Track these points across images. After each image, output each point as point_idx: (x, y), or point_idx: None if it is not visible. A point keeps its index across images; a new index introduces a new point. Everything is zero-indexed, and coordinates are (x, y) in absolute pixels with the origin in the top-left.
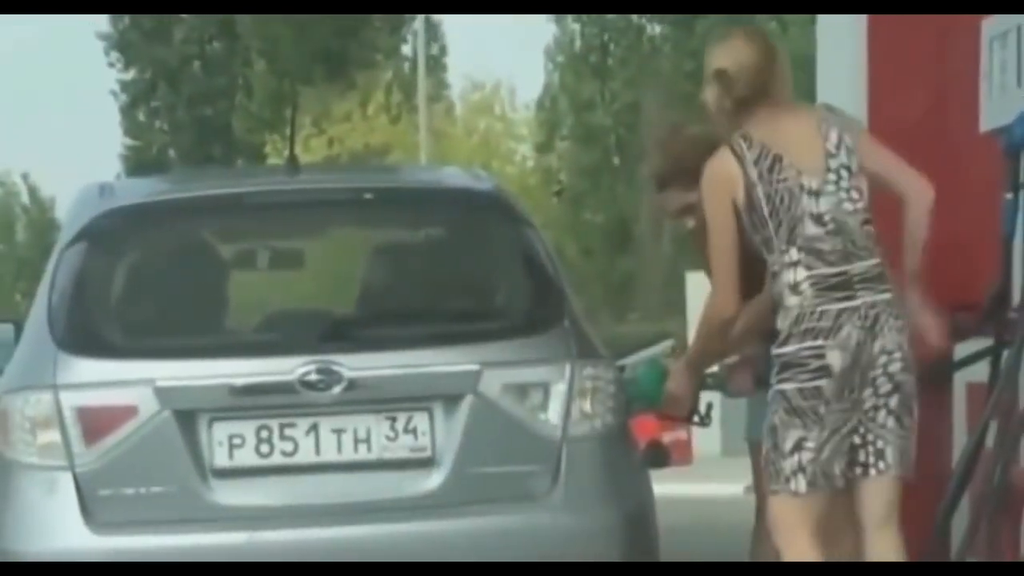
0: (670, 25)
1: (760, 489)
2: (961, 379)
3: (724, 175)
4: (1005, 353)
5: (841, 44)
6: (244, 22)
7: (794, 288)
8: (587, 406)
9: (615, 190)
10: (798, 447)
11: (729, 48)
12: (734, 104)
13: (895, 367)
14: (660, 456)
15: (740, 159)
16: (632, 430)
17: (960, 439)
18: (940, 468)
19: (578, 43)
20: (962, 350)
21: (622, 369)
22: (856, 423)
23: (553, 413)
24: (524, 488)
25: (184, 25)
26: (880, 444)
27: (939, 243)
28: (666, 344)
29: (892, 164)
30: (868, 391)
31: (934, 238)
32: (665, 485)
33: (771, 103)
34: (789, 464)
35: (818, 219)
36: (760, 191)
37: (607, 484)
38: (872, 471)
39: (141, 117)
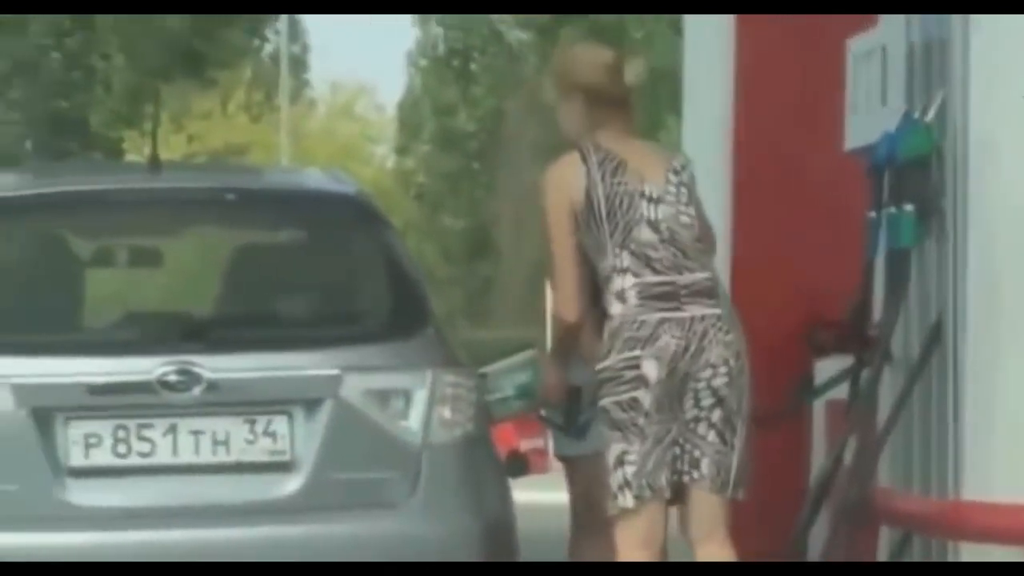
0: (534, 32)
1: (573, 502)
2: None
3: (566, 176)
4: (864, 372)
5: (708, 58)
6: (102, 15)
7: (620, 295)
8: (448, 413)
9: (475, 195)
10: (621, 461)
11: (606, 53)
12: (611, 98)
13: (719, 381)
14: (519, 465)
15: (585, 161)
16: (492, 439)
17: (819, 455)
18: (799, 484)
19: (441, 47)
20: (823, 368)
21: (484, 376)
22: (677, 434)
23: (414, 420)
24: (383, 495)
25: (41, 17)
26: (696, 454)
27: (801, 258)
28: (528, 353)
29: None
30: (690, 403)
31: (795, 254)
32: (524, 493)
33: (628, 119)
34: (615, 480)
35: (654, 225)
36: (600, 191)
37: (467, 492)
38: (686, 478)
39: None
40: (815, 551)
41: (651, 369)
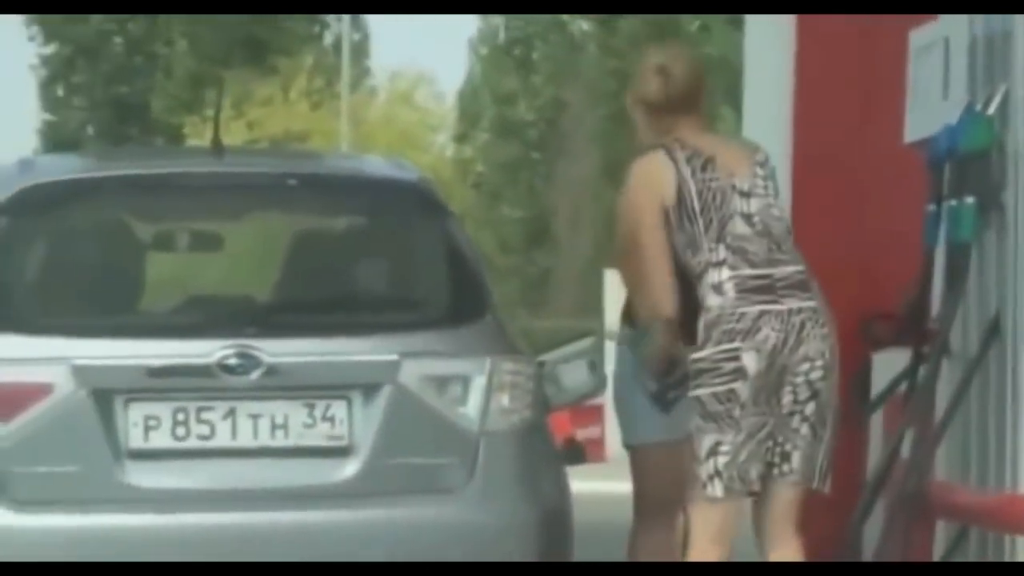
0: (594, 23)
1: (637, 492)
2: (879, 388)
3: (655, 173)
4: (922, 365)
5: (768, 49)
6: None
7: (717, 288)
8: (506, 401)
9: (534, 185)
10: (713, 452)
11: (671, 50)
12: (668, 103)
13: (816, 375)
14: (576, 453)
15: (672, 157)
16: (550, 427)
17: (876, 448)
18: (856, 477)
19: (502, 36)
20: (880, 359)
21: (542, 364)
22: (772, 428)
23: (472, 406)
24: (440, 480)
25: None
26: (788, 447)
27: (859, 251)
28: (588, 341)
29: None
30: (788, 397)
31: (856, 247)
32: (579, 482)
33: (699, 116)
34: (705, 470)
35: (747, 218)
36: (692, 187)
37: (523, 479)
38: (775, 471)
39: (60, 92)
40: (871, 544)
41: (751, 361)
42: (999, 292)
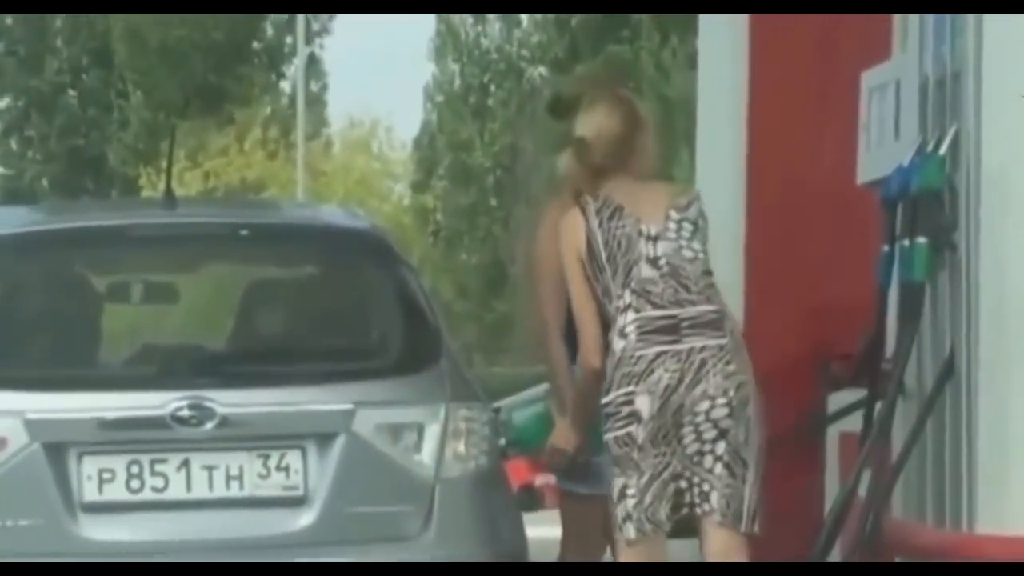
0: (551, 67)
1: (565, 536)
2: (834, 429)
3: (571, 230)
4: (878, 404)
5: (722, 91)
6: (120, 53)
7: (621, 332)
8: (461, 448)
9: (491, 231)
10: (622, 495)
11: (591, 117)
12: (589, 172)
13: (718, 413)
14: (532, 499)
15: (584, 212)
16: (506, 473)
17: (832, 488)
18: (812, 517)
19: (457, 83)
20: (836, 400)
21: (497, 411)
22: (680, 469)
23: (426, 454)
24: (396, 528)
25: (59, 54)
26: (706, 488)
27: (817, 292)
28: (544, 387)
29: None
30: (691, 436)
31: (810, 282)
32: (538, 528)
33: (627, 173)
34: (619, 512)
35: (653, 262)
36: (599, 238)
37: (479, 526)
38: (697, 511)
39: (14, 146)
40: None
41: (644, 404)
42: (953, 331)
